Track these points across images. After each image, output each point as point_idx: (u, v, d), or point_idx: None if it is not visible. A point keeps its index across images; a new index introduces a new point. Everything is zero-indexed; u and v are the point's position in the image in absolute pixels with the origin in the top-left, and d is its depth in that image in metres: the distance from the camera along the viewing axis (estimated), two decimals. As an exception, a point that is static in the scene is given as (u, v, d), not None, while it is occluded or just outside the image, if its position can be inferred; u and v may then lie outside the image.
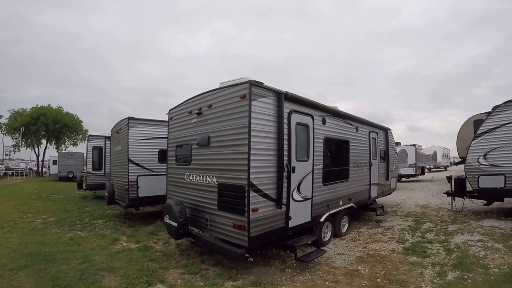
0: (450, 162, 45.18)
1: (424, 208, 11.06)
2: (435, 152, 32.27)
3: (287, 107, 5.32)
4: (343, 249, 6.39)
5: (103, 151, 14.87)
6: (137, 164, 8.69)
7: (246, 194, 4.59)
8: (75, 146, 40.11)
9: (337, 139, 7.17)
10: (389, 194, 11.61)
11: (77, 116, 39.74)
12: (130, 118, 8.71)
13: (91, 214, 10.29)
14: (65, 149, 38.06)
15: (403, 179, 22.90)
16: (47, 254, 5.70)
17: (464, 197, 9.72)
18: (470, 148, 8.77)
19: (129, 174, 8.52)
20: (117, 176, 9.75)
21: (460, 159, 15.49)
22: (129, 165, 8.54)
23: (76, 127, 39.13)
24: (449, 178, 10.39)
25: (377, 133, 9.75)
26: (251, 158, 4.61)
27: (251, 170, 4.60)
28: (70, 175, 28.13)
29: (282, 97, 5.13)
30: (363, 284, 4.59)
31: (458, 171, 27.45)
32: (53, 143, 39.06)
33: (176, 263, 5.39)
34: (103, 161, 14.84)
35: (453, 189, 10.12)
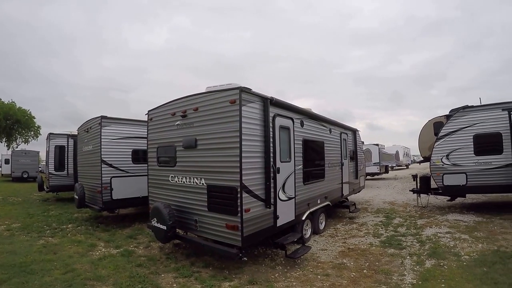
0: (411, 160, 48.39)
1: (392, 205, 11.82)
2: (397, 151, 34.49)
3: (272, 111, 5.49)
4: (325, 245, 6.70)
5: (66, 150, 14.00)
6: (110, 165, 8.37)
7: (238, 195, 4.68)
8: (26, 144, 37.22)
9: (313, 140, 7.48)
10: (359, 192, 12.28)
11: (30, 112, 36.83)
12: (103, 117, 8.36)
13: (58, 218, 9.68)
14: (17, 147, 35.13)
15: (368, 177, 24.26)
16: (23, 264, 5.31)
17: (429, 194, 10.58)
18: (434, 149, 9.57)
19: (102, 175, 8.18)
20: (87, 178, 9.26)
21: (422, 159, 16.99)
22: (102, 166, 8.20)
23: (28, 123, 36.25)
24: (414, 177, 11.21)
25: (347, 134, 10.29)
26: (243, 160, 4.72)
27: (243, 172, 4.71)
28: (25, 176, 26.24)
29: (268, 102, 5.33)
30: (352, 276, 4.91)
31: (420, 169, 29.47)
32: (4, 140, 35.87)
33: (165, 267, 5.31)
34: (66, 161, 13.99)
35: (418, 187, 10.93)
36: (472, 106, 9.19)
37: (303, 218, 6.64)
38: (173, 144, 5.96)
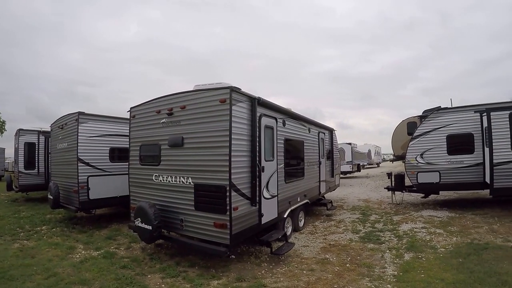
0: (382, 159, 50.15)
1: (366, 202, 12.25)
2: (369, 150, 35.64)
3: (258, 111, 5.55)
4: (306, 242, 6.87)
5: (37, 147, 13.31)
6: (87, 164, 8.09)
7: (227, 193, 4.72)
8: (-10, 140, 34.85)
9: (294, 139, 7.64)
10: (334, 190, 12.59)
11: (-7, 106, 34.48)
12: (80, 113, 8.05)
13: (31, 220, 9.20)
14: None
15: (341, 175, 24.96)
16: (1, 270, 5.02)
17: (404, 191, 11.04)
18: (408, 148, 10.01)
19: (79, 174, 7.89)
20: (62, 177, 8.88)
21: (395, 157, 17.87)
22: (79, 164, 7.91)
23: (-9, 119, 33.96)
24: (389, 175, 11.66)
25: (324, 133, 10.54)
26: (232, 159, 4.77)
27: (232, 171, 4.76)
28: (-11, 174, 24.64)
29: (255, 102, 5.41)
30: (336, 270, 5.10)
31: (391, 167, 30.50)
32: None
33: (150, 268, 5.24)
34: (37, 159, 13.30)
35: (393, 184, 11.38)
36: (446, 108, 9.71)
37: (285, 216, 6.78)
38: (157, 142, 5.88)
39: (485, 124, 8.77)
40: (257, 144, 5.42)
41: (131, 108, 6.58)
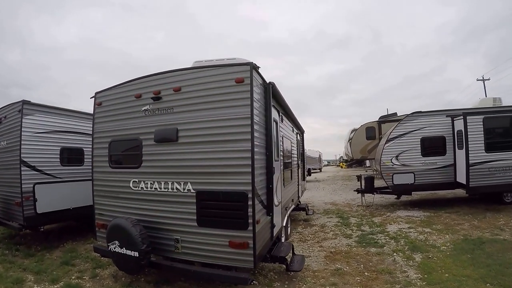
0: (323, 164, 52.98)
1: (334, 205, 11.85)
2: (320, 155, 36.97)
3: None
4: (304, 251, 6.14)
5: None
6: (34, 168, 6.27)
7: (249, 202, 3.64)
8: None
9: (287, 138, 6.77)
10: (303, 193, 12.09)
11: None
12: (25, 102, 6.19)
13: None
14: None
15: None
16: None
17: (375, 193, 11.05)
18: (383, 151, 10.07)
19: (23, 181, 6.06)
20: (0, 185, 6.77)
21: (353, 161, 18.34)
22: (22, 168, 6.09)
23: None
24: (359, 177, 11.58)
25: (299, 134, 9.83)
26: (255, 156, 3.68)
27: (255, 172, 3.67)
28: None
29: (270, 88, 4.40)
30: (358, 281, 4.57)
31: (332, 171, 31.34)
32: None
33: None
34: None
35: (363, 187, 11.31)
36: (420, 112, 10.03)
37: (284, 224, 5.90)
38: (137, 137, 4.45)
39: (456, 127, 9.29)
40: (272, 139, 4.41)
41: (96, 93, 4.94)
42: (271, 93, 4.36)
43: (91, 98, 4.98)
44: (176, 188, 4.07)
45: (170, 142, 4.14)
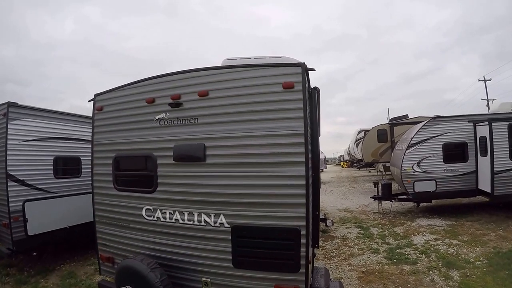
0: (325, 165, 53.18)
1: (349, 212, 11.09)
2: (325, 157, 36.68)
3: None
4: (333, 272, 5.58)
5: None
6: (22, 182, 5.43)
7: (302, 240, 2.90)
8: None
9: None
10: None
11: None
12: (11, 104, 5.29)
13: None
14: None
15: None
16: None
17: (393, 200, 10.46)
18: (404, 157, 9.56)
19: (10, 199, 5.21)
20: None
21: (365, 164, 18.21)
22: (9, 184, 5.24)
23: None
24: (375, 184, 10.94)
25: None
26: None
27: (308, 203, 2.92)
28: None
29: (315, 94, 3.52)
30: None
31: (334, 171, 30.86)
32: None
33: None
34: None
35: (380, 193, 10.68)
36: (442, 117, 9.63)
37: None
38: (149, 153, 3.57)
39: (479, 133, 8.96)
40: (319, 159, 3.66)
41: (96, 95, 3.99)
42: (319, 101, 3.55)
43: (89, 101, 4.01)
44: (205, 221, 3.24)
45: (195, 162, 3.28)
